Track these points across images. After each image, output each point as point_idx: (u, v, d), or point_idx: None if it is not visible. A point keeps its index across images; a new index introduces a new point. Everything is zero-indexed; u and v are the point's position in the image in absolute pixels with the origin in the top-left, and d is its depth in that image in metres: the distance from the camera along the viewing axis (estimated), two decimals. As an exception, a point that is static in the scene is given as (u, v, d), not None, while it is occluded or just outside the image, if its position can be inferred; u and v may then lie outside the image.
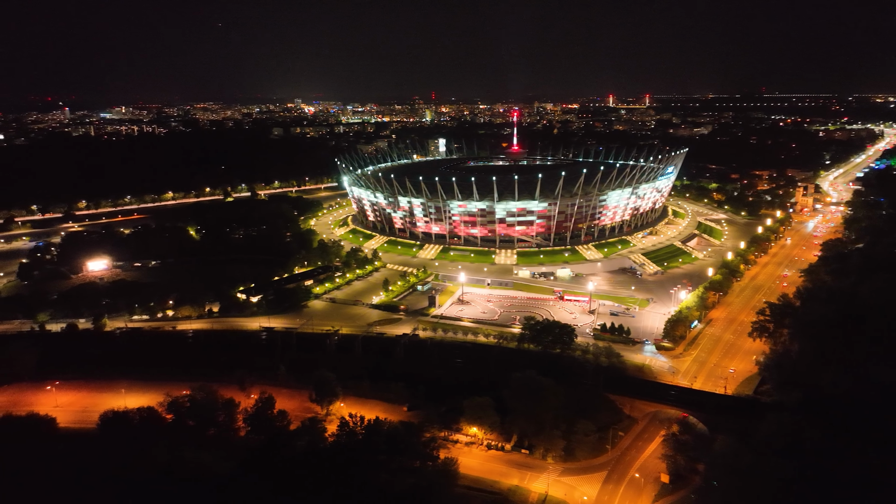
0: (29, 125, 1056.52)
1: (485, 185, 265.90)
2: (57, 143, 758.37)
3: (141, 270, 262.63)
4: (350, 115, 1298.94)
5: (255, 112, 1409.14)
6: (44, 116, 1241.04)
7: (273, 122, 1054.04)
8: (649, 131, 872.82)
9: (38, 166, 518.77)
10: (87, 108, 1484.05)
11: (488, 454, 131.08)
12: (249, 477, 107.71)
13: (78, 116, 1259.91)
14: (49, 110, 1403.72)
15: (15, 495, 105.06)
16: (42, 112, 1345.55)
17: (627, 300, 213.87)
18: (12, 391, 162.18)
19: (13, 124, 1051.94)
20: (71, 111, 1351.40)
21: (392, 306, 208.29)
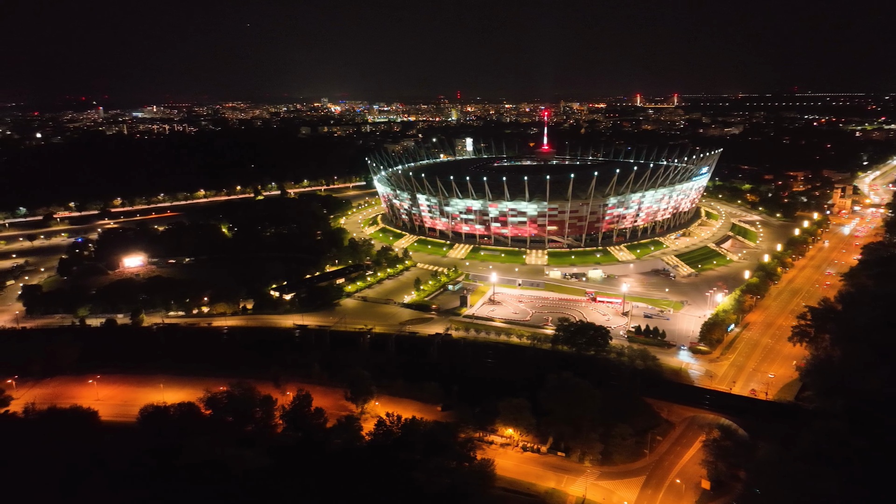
0: (65, 124, 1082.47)
1: (516, 185, 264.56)
2: (92, 142, 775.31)
3: (175, 267, 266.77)
4: (376, 115, 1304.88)
5: (282, 111, 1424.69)
6: (79, 115, 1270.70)
7: (300, 122, 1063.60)
8: (679, 131, 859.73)
9: (74, 164, 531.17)
10: (120, 107, 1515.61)
11: (524, 456, 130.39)
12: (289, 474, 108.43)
13: (111, 115, 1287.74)
14: (83, 109, 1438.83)
15: (62, 485, 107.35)
16: (77, 111, 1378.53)
17: (661, 302, 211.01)
18: (55, 384, 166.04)
19: (50, 123, 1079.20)
20: (104, 110, 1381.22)
21: (424, 305, 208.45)
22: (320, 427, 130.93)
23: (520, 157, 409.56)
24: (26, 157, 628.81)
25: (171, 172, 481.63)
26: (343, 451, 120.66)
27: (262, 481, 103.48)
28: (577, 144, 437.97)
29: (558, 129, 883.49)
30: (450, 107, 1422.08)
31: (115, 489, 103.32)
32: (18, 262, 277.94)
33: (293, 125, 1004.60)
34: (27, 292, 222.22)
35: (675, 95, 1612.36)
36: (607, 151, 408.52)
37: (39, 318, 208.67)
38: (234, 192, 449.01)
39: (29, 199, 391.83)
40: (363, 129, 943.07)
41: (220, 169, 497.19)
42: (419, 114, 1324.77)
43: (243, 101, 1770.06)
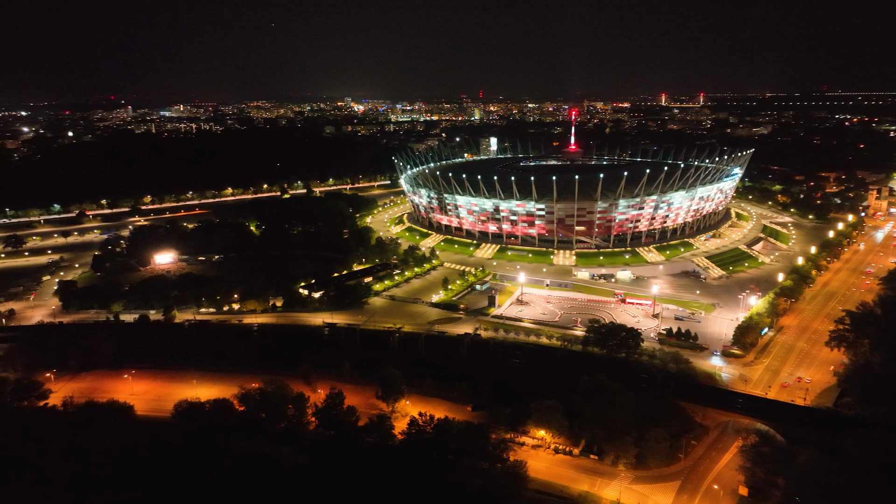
0: (95, 123, 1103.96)
1: (544, 185, 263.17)
2: (122, 140, 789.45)
3: (205, 264, 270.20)
4: (399, 114, 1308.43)
5: (306, 110, 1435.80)
6: (108, 114, 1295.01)
7: (324, 121, 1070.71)
8: (705, 131, 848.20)
9: (105, 162, 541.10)
10: (148, 106, 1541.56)
11: (556, 458, 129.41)
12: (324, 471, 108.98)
13: (139, 114, 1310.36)
14: (113, 108, 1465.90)
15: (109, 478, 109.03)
16: (106, 110, 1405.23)
17: (692, 304, 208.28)
18: (92, 378, 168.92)
19: (81, 122, 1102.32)
20: (133, 109, 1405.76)
21: (452, 305, 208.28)
22: (352, 425, 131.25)
23: (546, 156, 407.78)
24: (59, 156, 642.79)
25: (199, 171, 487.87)
26: (376, 449, 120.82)
27: (298, 478, 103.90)
28: (603, 144, 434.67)
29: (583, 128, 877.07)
30: (472, 106, 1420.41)
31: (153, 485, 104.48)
32: (53, 258, 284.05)
33: (317, 124, 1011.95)
34: (63, 288, 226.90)
35: (700, 95, 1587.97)
36: (633, 151, 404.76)
37: (75, 313, 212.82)
38: (261, 191, 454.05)
39: (62, 196, 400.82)
40: (386, 128, 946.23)
41: (246, 167, 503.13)
42: (442, 113, 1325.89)
43: (268, 101, 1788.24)
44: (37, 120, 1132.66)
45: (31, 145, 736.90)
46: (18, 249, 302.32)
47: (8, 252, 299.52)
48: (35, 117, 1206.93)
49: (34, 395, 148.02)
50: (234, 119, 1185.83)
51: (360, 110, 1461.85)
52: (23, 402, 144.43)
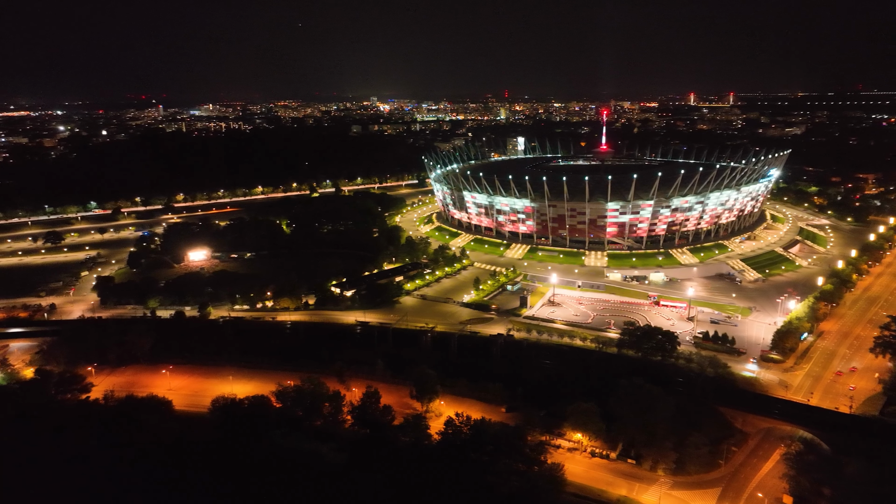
0: (127, 122, 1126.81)
1: (575, 185, 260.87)
2: (153, 139, 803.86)
3: (237, 262, 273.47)
4: (424, 113, 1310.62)
5: (333, 110, 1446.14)
6: (140, 113, 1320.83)
7: (351, 120, 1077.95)
8: (736, 131, 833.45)
9: (138, 160, 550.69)
10: (178, 105, 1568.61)
11: (592, 462, 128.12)
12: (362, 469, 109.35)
13: (170, 113, 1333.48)
14: (144, 108, 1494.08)
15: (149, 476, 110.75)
16: (138, 109, 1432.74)
17: (728, 308, 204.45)
18: (130, 372, 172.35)
19: (114, 121, 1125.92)
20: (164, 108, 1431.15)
21: (483, 305, 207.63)
22: (388, 424, 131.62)
23: (576, 156, 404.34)
24: (94, 154, 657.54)
25: (229, 169, 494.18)
26: (413, 449, 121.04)
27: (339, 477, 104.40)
28: (632, 144, 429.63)
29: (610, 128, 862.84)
30: (498, 105, 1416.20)
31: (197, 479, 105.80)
32: (91, 254, 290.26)
33: (344, 123, 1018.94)
34: (101, 283, 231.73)
35: (730, 94, 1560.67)
36: (663, 151, 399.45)
37: (112, 309, 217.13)
38: (291, 189, 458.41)
39: (98, 193, 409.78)
40: (412, 127, 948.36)
41: (275, 166, 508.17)
42: (467, 112, 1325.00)
43: (294, 100, 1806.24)
44: (72, 119, 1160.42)
45: (68, 144, 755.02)
46: (57, 245, 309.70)
47: (48, 248, 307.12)
48: (70, 116, 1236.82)
49: (77, 388, 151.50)
50: (262, 118, 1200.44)
51: (385, 110, 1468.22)
52: (66, 394, 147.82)
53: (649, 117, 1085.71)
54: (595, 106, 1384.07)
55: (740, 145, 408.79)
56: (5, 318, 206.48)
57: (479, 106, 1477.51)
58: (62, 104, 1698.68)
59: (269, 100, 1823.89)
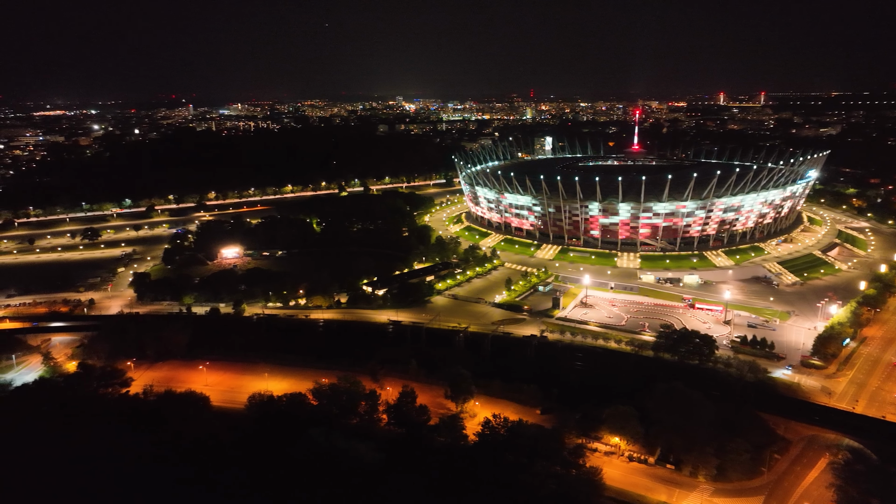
0: (159, 121, 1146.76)
1: (608, 185, 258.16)
2: (184, 138, 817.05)
3: (269, 259, 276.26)
4: (450, 113, 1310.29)
5: (359, 109, 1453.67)
6: (171, 113, 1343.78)
7: (377, 119, 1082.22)
8: (768, 131, 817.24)
9: (170, 158, 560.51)
10: (207, 104, 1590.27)
11: (630, 466, 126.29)
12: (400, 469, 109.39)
13: (200, 112, 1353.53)
14: (175, 107, 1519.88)
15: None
16: (169, 108, 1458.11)
17: (765, 312, 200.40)
18: (167, 368, 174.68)
19: (146, 120, 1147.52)
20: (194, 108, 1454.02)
21: (515, 306, 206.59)
22: (424, 424, 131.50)
23: (607, 156, 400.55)
24: (127, 152, 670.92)
25: (259, 168, 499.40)
26: (449, 450, 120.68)
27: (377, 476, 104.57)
28: (661, 145, 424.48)
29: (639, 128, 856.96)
30: (524, 105, 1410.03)
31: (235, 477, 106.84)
32: (127, 251, 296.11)
33: (370, 123, 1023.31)
34: (138, 280, 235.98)
35: (761, 94, 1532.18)
36: (694, 152, 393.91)
37: (149, 305, 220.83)
38: (319, 188, 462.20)
39: (132, 191, 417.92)
40: (439, 127, 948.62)
41: (303, 165, 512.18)
42: (493, 112, 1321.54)
43: (321, 99, 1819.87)
44: (105, 118, 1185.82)
45: (102, 142, 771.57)
46: (95, 242, 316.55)
47: (85, 244, 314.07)
48: (104, 115, 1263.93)
49: (117, 383, 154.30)
50: (290, 118, 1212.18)
51: (411, 109, 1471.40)
52: (108, 388, 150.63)
53: (678, 117, 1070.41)
54: (623, 105, 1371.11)
55: (773, 146, 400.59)
56: (47, 312, 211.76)
57: (504, 105, 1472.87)
58: (96, 104, 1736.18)
59: (296, 99, 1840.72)
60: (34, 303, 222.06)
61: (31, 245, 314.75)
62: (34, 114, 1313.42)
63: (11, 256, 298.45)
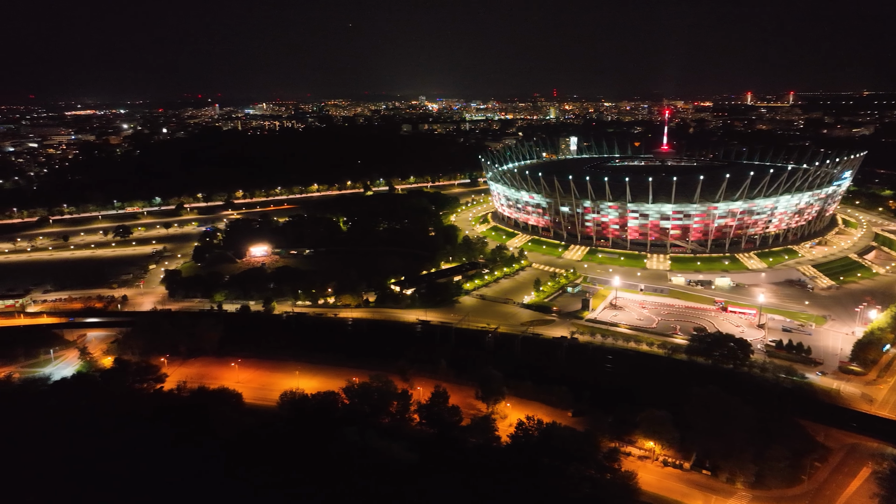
0: (186, 120, 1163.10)
1: (638, 186, 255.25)
2: (211, 137, 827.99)
3: (297, 258, 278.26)
4: (473, 112, 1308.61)
5: (382, 109, 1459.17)
6: (197, 112, 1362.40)
7: (401, 119, 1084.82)
8: (798, 132, 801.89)
9: (198, 157, 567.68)
10: (232, 104, 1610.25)
11: (665, 471, 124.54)
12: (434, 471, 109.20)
13: (226, 112, 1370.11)
14: (201, 106, 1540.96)
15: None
16: (196, 108, 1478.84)
17: (799, 315, 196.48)
18: (200, 364, 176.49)
19: (173, 119, 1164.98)
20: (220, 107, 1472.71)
21: (544, 307, 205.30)
22: (455, 424, 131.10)
23: (634, 156, 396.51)
24: (156, 150, 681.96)
25: (285, 167, 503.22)
26: (482, 451, 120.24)
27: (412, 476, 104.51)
28: (689, 144, 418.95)
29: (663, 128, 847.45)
30: (547, 105, 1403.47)
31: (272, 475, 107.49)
32: (157, 248, 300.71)
33: (394, 122, 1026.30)
34: (169, 277, 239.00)
35: (790, 93, 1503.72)
36: (721, 152, 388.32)
37: (180, 301, 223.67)
38: (345, 187, 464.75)
39: (161, 189, 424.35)
40: (462, 126, 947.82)
41: (329, 164, 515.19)
42: (516, 112, 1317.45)
43: (344, 99, 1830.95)
44: (134, 117, 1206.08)
45: (131, 141, 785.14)
46: (126, 239, 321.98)
47: (117, 241, 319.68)
48: (133, 115, 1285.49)
49: (152, 378, 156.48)
50: (314, 117, 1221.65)
51: (434, 109, 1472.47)
52: (143, 384, 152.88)
53: (704, 117, 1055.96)
54: (647, 105, 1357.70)
55: (803, 146, 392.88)
56: (83, 307, 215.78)
57: (527, 105, 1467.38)
58: (124, 103, 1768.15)
59: (319, 99, 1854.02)
60: (69, 298, 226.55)
61: (66, 242, 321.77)
62: (66, 113, 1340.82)
63: (47, 253, 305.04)
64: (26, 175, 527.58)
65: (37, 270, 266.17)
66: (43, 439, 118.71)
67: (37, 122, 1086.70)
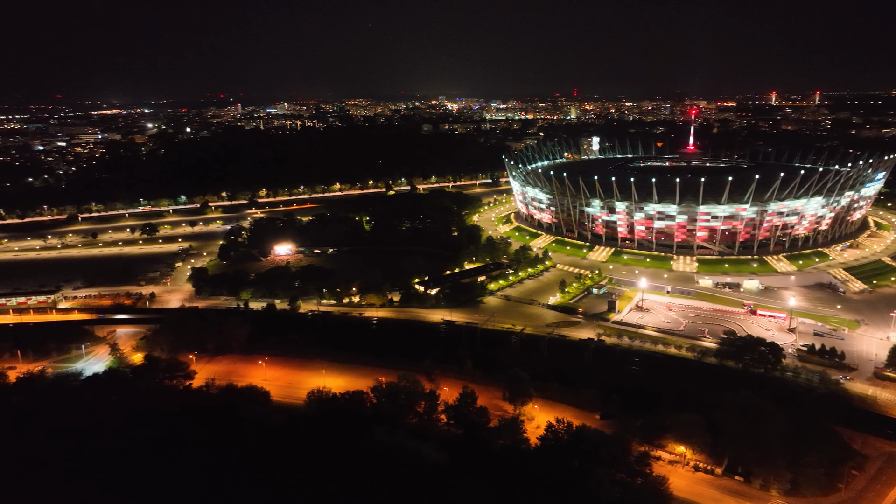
0: (209, 119, 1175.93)
1: (664, 187, 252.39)
2: (234, 136, 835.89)
3: (320, 257, 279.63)
4: (493, 112, 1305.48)
5: (402, 108, 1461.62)
6: (220, 112, 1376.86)
7: (421, 119, 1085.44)
8: (825, 132, 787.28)
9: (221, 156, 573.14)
10: (254, 104, 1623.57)
11: (696, 476, 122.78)
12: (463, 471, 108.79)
13: (248, 111, 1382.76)
14: (223, 106, 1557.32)
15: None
16: (218, 107, 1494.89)
17: (831, 320, 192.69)
18: (227, 362, 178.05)
19: (196, 118, 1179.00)
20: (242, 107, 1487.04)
21: (569, 308, 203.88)
22: (483, 426, 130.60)
23: (659, 157, 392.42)
24: (180, 150, 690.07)
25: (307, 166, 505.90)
26: (510, 452, 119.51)
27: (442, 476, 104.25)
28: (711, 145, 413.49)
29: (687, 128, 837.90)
30: (567, 105, 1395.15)
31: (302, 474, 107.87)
32: (183, 246, 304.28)
33: (414, 122, 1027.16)
34: (196, 275, 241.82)
35: (816, 93, 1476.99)
36: (746, 153, 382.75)
37: (206, 299, 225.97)
38: (367, 187, 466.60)
39: (186, 187, 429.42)
40: (482, 126, 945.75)
41: (350, 164, 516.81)
42: (536, 111, 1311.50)
43: (364, 99, 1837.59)
44: (158, 117, 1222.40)
45: (156, 140, 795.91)
46: (153, 237, 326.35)
47: (144, 239, 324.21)
48: (157, 114, 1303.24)
49: (181, 375, 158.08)
50: (334, 116, 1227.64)
51: (454, 108, 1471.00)
52: (172, 381, 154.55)
53: (728, 117, 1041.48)
54: (669, 105, 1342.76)
55: (831, 147, 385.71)
56: (112, 304, 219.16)
57: (548, 105, 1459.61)
58: (148, 103, 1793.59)
59: (339, 98, 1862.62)
60: (99, 295, 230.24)
61: (94, 239, 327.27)
62: (92, 112, 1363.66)
63: (76, 250, 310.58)
64: (55, 173, 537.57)
65: (67, 267, 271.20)
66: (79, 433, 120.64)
67: (64, 121, 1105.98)
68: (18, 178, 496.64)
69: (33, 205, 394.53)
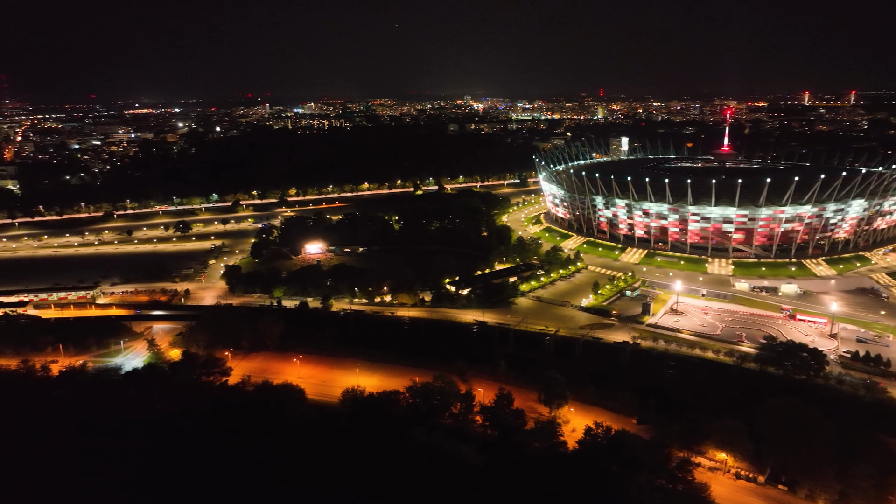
0: (238, 119, 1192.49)
1: (699, 188, 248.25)
2: (263, 135, 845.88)
3: (351, 255, 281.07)
4: (519, 112, 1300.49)
5: (428, 108, 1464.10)
6: (249, 111, 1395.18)
7: (447, 118, 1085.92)
8: (861, 132, 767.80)
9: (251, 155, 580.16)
10: (281, 103, 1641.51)
11: (737, 484, 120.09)
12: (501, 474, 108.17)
13: (276, 111, 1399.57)
14: (252, 105, 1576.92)
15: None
16: (247, 107, 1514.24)
17: (875, 326, 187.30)
18: (261, 359, 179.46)
19: (226, 118, 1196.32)
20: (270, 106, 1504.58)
21: (603, 310, 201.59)
22: (519, 428, 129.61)
23: (691, 157, 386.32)
24: (211, 148, 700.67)
25: (335, 165, 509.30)
26: (548, 456, 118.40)
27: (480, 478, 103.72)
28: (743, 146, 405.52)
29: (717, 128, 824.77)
30: (594, 104, 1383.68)
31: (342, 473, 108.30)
32: (216, 244, 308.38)
33: (440, 122, 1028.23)
34: (229, 272, 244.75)
35: (851, 93, 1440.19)
36: (787, 154, 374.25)
37: (239, 297, 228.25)
38: (395, 186, 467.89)
39: (217, 186, 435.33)
40: (509, 126, 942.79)
41: (378, 163, 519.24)
42: (563, 111, 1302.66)
43: (390, 98, 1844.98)
44: (189, 116, 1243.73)
45: (187, 139, 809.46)
46: (186, 234, 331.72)
47: (178, 237, 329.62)
48: (187, 114, 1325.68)
49: (217, 371, 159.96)
50: (361, 116, 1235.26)
51: (479, 108, 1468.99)
52: (209, 377, 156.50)
53: (760, 117, 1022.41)
54: (699, 105, 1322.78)
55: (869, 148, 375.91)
56: (149, 301, 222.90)
57: (574, 105, 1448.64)
58: (178, 102, 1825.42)
59: (365, 98, 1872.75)
60: (135, 291, 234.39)
61: (130, 236, 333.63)
62: (124, 112, 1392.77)
63: (112, 247, 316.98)
64: (91, 171, 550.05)
65: (104, 263, 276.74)
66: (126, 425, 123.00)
67: (98, 120, 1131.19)
68: (56, 176, 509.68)
69: (71, 202, 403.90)
